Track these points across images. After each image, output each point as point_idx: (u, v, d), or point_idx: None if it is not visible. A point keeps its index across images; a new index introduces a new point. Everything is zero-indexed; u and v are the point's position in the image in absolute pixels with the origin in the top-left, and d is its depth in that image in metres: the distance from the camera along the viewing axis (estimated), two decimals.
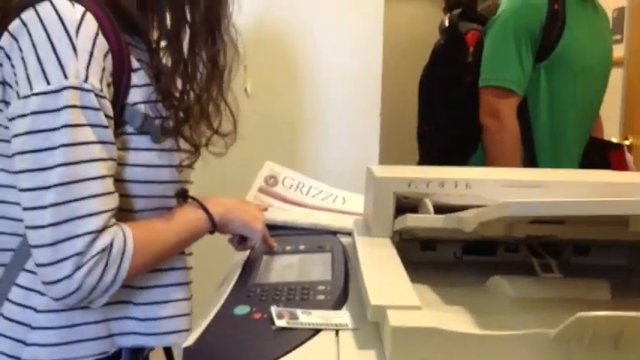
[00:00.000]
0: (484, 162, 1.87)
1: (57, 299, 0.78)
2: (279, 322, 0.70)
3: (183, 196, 0.91)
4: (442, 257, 0.95)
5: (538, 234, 0.80)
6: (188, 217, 0.91)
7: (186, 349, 0.67)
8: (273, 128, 1.83)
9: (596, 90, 1.91)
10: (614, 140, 2.82)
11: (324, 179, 1.35)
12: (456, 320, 0.68)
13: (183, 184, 0.92)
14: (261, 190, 1.26)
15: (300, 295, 0.80)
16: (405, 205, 0.92)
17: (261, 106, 1.81)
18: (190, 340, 0.69)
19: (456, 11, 2.13)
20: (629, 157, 1.97)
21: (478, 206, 0.88)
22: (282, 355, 0.64)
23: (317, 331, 0.70)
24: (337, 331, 0.70)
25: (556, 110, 1.83)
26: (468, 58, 1.96)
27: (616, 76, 2.99)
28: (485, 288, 0.82)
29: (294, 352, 0.65)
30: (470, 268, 0.92)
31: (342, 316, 0.73)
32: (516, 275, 0.81)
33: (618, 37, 3.04)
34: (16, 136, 0.77)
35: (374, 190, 0.92)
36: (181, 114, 0.87)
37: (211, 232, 0.94)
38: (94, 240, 0.76)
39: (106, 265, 0.77)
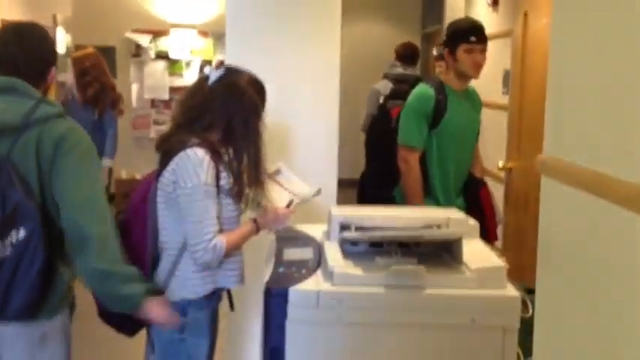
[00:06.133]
0: (402, 190, 3.18)
1: (199, 265, 2.11)
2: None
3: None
4: (361, 249, 2.26)
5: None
6: (248, 228, 2.21)
7: (267, 284, 1.98)
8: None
9: (466, 147, 3.19)
10: (500, 165, 4.17)
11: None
12: (357, 270, 2.00)
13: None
14: (269, 177, 2.48)
15: (303, 265, 2.10)
16: (345, 225, 2.22)
17: None
18: (266, 279, 2.00)
19: (388, 92, 3.49)
20: (491, 191, 3.31)
21: (374, 227, 2.19)
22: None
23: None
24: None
25: (441, 160, 3.13)
26: (391, 125, 3.29)
27: (502, 118, 4.31)
28: (374, 261, 2.13)
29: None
30: (372, 252, 2.22)
31: (317, 275, 2.04)
32: (386, 257, 2.13)
33: (505, 89, 4.36)
34: (182, 202, 2.07)
35: (330, 221, 2.22)
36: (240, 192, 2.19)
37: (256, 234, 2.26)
38: (214, 245, 2.07)
39: (217, 255, 2.08)
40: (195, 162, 2.07)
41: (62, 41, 5.90)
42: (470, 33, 3.02)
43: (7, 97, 1.87)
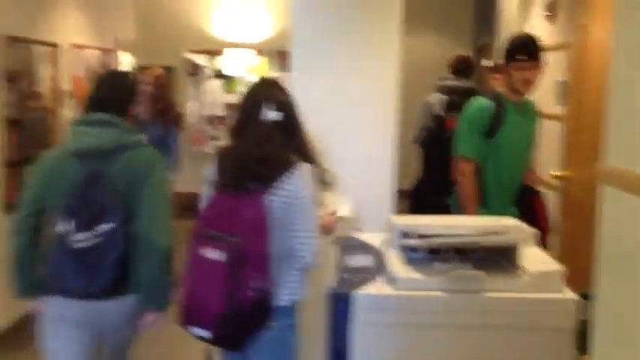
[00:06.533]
0: (458, 199, 3.24)
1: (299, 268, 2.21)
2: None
3: None
4: (419, 255, 2.35)
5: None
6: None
7: (333, 289, 2.08)
8: None
9: (521, 158, 3.25)
10: (554, 173, 4.18)
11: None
12: (419, 275, 2.08)
13: None
14: None
15: (365, 271, 2.20)
16: (405, 233, 2.31)
17: None
18: (333, 285, 2.11)
19: (445, 105, 3.58)
20: (544, 199, 3.35)
21: (434, 235, 2.28)
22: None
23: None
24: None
25: (497, 170, 3.19)
26: (447, 135, 3.37)
27: (555, 128, 4.31)
28: (434, 267, 2.22)
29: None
30: (430, 259, 2.31)
31: (378, 280, 2.13)
32: (445, 263, 2.21)
33: (558, 100, 4.36)
34: (299, 210, 2.16)
35: (392, 231, 2.31)
36: None
37: None
38: (317, 250, 2.18)
39: (317, 258, 2.19)
40: (306, 175, 2.23)
41: (126, 62, 6.18)
42: (518, 51, 3.08)
43: (105, 129, 2.39)
